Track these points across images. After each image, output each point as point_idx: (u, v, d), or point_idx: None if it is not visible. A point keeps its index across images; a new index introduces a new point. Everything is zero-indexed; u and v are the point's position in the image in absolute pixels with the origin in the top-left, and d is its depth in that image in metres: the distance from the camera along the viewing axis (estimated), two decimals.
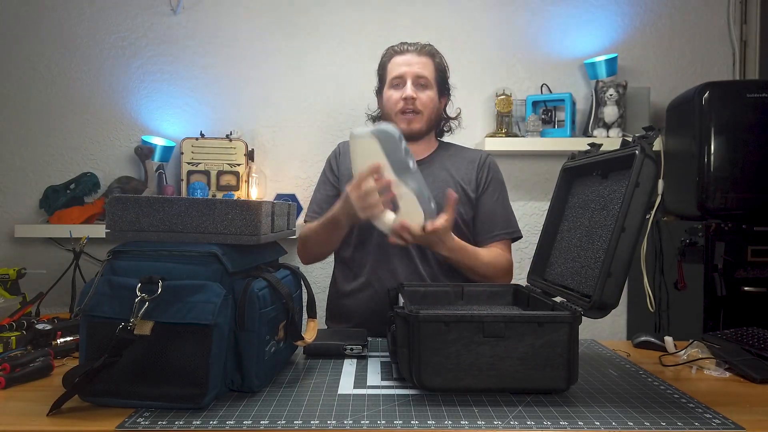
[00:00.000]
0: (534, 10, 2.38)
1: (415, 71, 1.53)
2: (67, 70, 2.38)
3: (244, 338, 0.91)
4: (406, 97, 1.52)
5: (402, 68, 1.54)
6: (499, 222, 1.55)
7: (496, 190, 1.58)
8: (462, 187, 1.55)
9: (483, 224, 1.56)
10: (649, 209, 2.10)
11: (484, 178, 1.58)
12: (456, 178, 1.56)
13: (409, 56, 1.55)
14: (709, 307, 1.82)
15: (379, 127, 1.16)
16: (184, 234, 0.93)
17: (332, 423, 0.81)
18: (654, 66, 2.38)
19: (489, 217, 1.56)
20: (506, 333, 0.91)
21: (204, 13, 2.38)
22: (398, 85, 1.55)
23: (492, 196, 1.57)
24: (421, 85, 1.54)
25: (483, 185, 1.57)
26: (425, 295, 1.29)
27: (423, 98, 1.54)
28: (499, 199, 1.57)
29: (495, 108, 2.29)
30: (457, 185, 1.55)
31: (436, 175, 1.56)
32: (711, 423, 0.82)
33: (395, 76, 1.54)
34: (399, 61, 1.55)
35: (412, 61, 1.54)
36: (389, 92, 1.57)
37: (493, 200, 1.57)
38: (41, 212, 2.31)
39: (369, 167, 1.19)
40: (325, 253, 1.59)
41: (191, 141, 2.22)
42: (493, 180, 1.58)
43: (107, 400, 0.86)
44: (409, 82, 1.52)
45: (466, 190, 1.55)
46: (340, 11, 2.39)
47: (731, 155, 1.85)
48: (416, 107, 1.53)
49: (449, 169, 1.58)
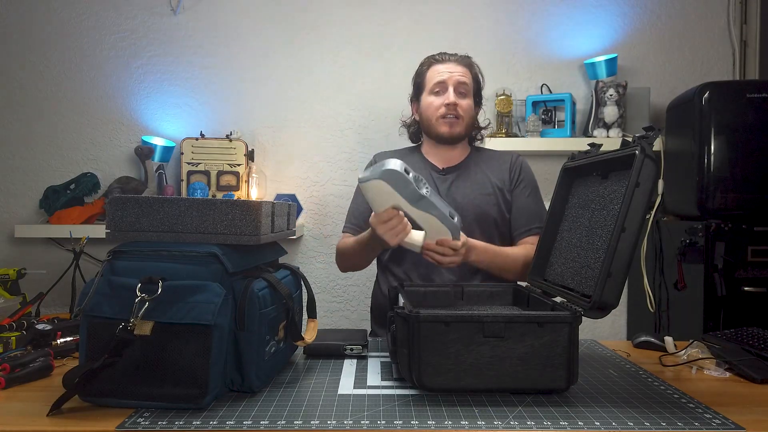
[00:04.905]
0: (534, 10, 2.38)
1: (457, 78, 1.57)
2: (67, 70, 2.38)
3: (244, 338, 0.91)
4: (449, 103, 1.56)
5: (444, 75, 1.57)
6: (532, 217, 1.60)
7: (527, 186, 1.63)
8: (498, 187, 1.60)
9: (516, 219, 1.60)
10: (649, 209, 2.10)
11: (517, 176, 1.63)
12: (493, 180, 1.61)
13: (450, 65, 1.59)
14: (709, 307, 1.82)
15: (382, 168, 1.16)
16: (184, 234, 0.93)
17: (332, 423, 0.81)
18: (654, 66, 2.38)
19: (522, 212, 1.60)
20: (506, 333, 0.91)
21: (204, 13, 2.38)
22: (439, 92, 1.58)
23: (524, 192, 1.62)
24: (461, 92, 1.58)
25: (515, 183, 1.62)
26: (425, 295, 1.29)
27: (464, 105, 1.58)
28: (531, 195, 1.62)
29: (495, 108, 2.29)
30: (494, 186, 1.60)
31: (474, 177, 1.61)
32: (711, 423, 0.82)
33: (437, 82, 1.58)
34: (440, 69, 1.59)
35: (453, 69, 1.58)
36: (429, 98, 1.60)
37: (525, 196, 1.61)
38: (41, 212, 2.31)
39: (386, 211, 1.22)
40: (362, 265, 1.63)
41: (191, 141, 2.22)
42: (525, 178, 1.64)
43: (107, 400, 0.86)
44: (451, 88, 1.56)
45: (502, 190, 1.61)
46: (340, 11, 2.39)
47: (731, 155, 1.85)
48: (458, 113, 1.57)
49: (485, 171, 1.62)
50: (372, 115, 2.39)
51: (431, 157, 1.65)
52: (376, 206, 1.23)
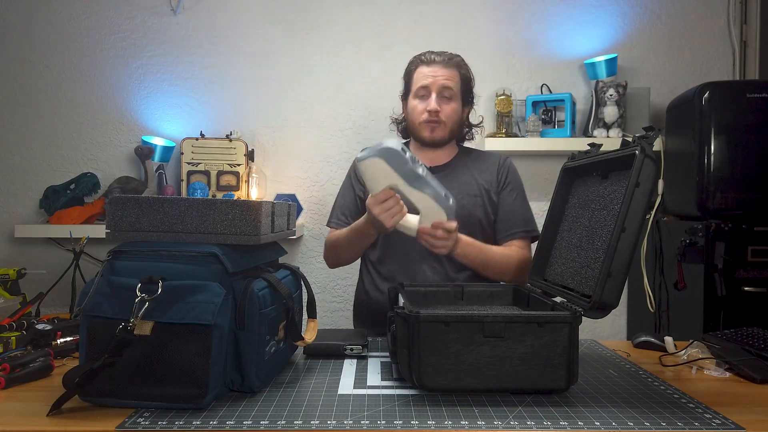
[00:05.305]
0: (534, 10, 2.38)
1: (441, 83, 1.54)
2: (67, 70, 2.38)
3: (244, 338, 0.91)
4: (431, 109, 1.54)
5: (428, 79, 1.55)
6: (517, 220, 1.58)
7: (514, 189, 1.61)
8: (485, 189, 1.59)
9: (502, 222, 1.59)
10: (649, 209, 2.10)
11: (504, 178, 1.61)
12: (479, 181, 1.59)
13: (435, 67, 1.55)
14: (709, 307, 1.82)
15: (381, 146, 1.18)
16: (184, 234, 0.93)
17: (332, 423, 0.81)
18: (654, 66, 2.38)
19: (508, 215, 1.59)
20: (506, 333, 0.91)
21: (204, 13, 2.38)
22: (423, 96, 1.56)
23: (511, 195, 1.60)
24: (445, 96, 1.55)
25: (502, 185, 1.60)
26: (425, 295, 1.29)
27: (447, 110, 1.55)
28: (517, 198, 1.60)
29: (495, 108, 2.29)
30: (480, 187, 1.58)
31: (461, 178, 1.59)
32: (711, 423, 0.82)
33: (421, 86, 1.56)
34: (425, 72, 1.56)
35: (438, 72, 1.55)
36: (414, 102, 1.59)
37: (511, 199, 1.60)
38: (41, 212, 2.31)
39: (383, 191, 1.24)
40: (353, 258, 1.62)
41: (191, 141, 2.22)
42: (512, 180, 1.62)
43: (107, 400, 0.86)
44: (434, 94, 1.54)
45: (489, 191, 1.59)
46: (340, 11, 2.39)
47: (731, 155, 1.85)
48: (440, 119, 1.55)
49: (472, 172, 1.61)
50: (372, 115, 2.39)
51: (419, 156, 1.63)
52: (374, 186, 1.25)
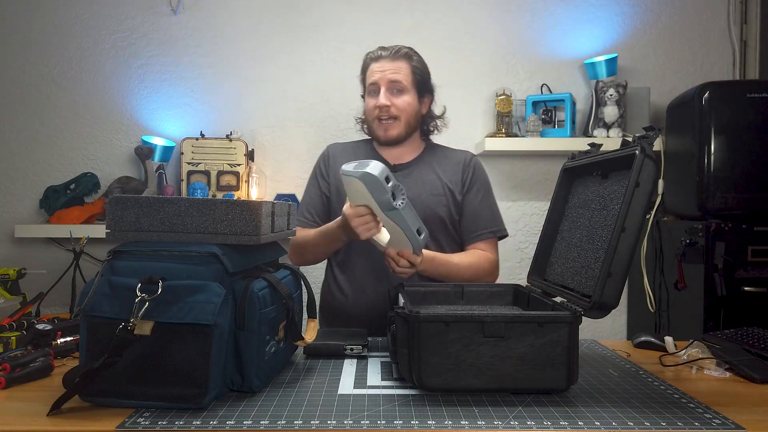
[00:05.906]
0: (534, 10, 2.38)
1: (389, 77, 1.51)
2: (67, 70, 2.38)
3: (244, 338, 0.91)
4: (380, 105, 1.51)
5: (376, 75, 1.52)
6: (483, 221, 1.56)
7: (480, 190, 1.58)
8: (449, 188, 1.56)
9: (468, 224, 1.56)
10: (649, 209, 2.10)
11: (469, 178, 1.58)
12: (444, 180, 1.56)
13: (383, 62, 1.52)
14: (709, 307, 1.82)
15: (365, 168, 1.16)
16: (184, 234, 0.93)
17: (332, 423, 0.81)
18: (654, 66, 2.38)
19: (473, 216, 1.56)
20: (506, 333, 0.91)
21: (204, 13, 2.38)
22: (374, 92, 1.53)
23: (476, 196, 1.57)
24: (396, 90, 1.52)
25: (467, 185, 1.57)
26: (425, 295, 1.29)
27: (399, 103, 1.52)
28: (483, 199, 1.58)
29: (495, 108, 2.29)
30: (444, 187, 1.55)
31: (425, 177, 1.56)
32: (711, 423, 0.82)
33: (371, 83, 1.54)
34: (374, 68, 1.53)
35: (385, 67, 1.51)
36: (367, 99, 1.57)
37: (477, 200, 1.57)
38: (41, 212, 2.31)
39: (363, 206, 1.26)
40: (319, 260, 1.61)
41: (191, 141, 2.22)
42: (478, 180, 1.58)
43: (107, 400, 0.86)
44: (383, 89, 1.51)
45: (453, 191, 1.56)
46: (340, 11, 2.39)
47: (731, 155, 1.85)
48: (392, 113, 1.52)
49: (437, 171, 1.58)
50: None
51: (383, 153, 1.60)
52: (353, 199, 1.27)
